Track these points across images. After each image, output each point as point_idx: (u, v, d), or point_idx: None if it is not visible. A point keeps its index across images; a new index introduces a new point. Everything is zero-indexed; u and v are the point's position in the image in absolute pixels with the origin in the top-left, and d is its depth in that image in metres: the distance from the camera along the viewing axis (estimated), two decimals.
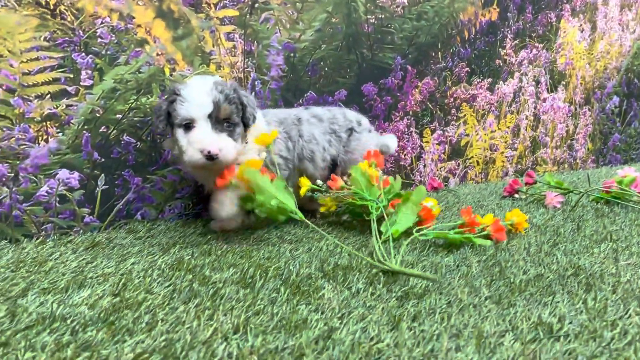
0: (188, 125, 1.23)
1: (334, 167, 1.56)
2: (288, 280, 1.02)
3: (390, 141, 1.66)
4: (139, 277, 1.04)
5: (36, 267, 1.10)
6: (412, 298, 0.95)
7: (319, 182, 1.40)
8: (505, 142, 2.33)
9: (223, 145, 1.22)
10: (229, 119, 1.25)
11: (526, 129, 2.40)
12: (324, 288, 0.99)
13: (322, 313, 0.89)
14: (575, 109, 2.58)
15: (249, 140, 1.32)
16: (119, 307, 0.89)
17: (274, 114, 1.46)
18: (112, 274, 1.06)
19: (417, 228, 1.31)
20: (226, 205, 1.27)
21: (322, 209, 1.43)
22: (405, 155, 2.02)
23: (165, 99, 1.27)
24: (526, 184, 1.93)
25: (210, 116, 1.22)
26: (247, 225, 1.43)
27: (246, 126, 1.30)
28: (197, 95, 1.22)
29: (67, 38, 1.32)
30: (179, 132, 1.24)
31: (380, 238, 1.23)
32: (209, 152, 1.20)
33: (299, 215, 1.21)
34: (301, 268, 1.10)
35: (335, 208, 1.43)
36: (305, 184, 1.37)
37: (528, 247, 1.27)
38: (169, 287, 0.99)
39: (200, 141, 1.20)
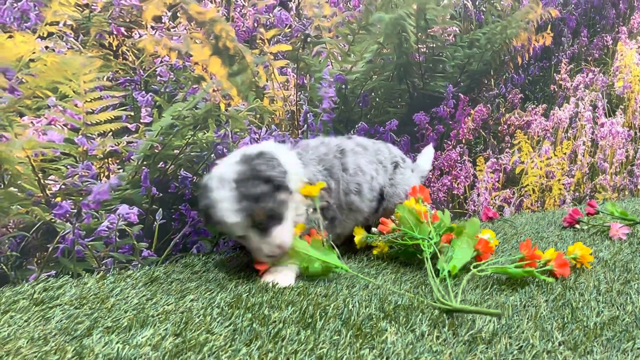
0: None
1: (381, 199, 1.51)
2: (349, 321, 1.00)
3: (426, 164, 1.73)
4: (199, 316, 1.03)
5: (98, 304, 1.11)
6: (480, 343, 0.91)
7: (374, 229, 1.41)
8: (562, 169, 2.25)
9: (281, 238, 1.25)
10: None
11: (584, 155, 2.31)
12: (387, 330, 0.96)
13: (387, 359, 0.86)
14: (635, 133, 2.48)
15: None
16: (182, 349, 0.89)
17: (314, 151, 1.39)
18: (173, 311, 1.06)
19: (475, 263, 1.26)
20: (287, 277, 1.27)
21: (374, 252, 1.42)
22: (458, 184, 1.98)
23: (202, 206, 1.25)
24: (587, 214, 1.85)
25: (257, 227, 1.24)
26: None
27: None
28: (227, 217, 1.21)
29: (128, 77, 1.36)
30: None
31: (438, 276, 1.19)
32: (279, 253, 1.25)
33: (345, 268, 1.25)
34: (361, 308, 1.07)
35: (387, 249, 1.41)
36: (358, 233, 1.41)
37: (598, 285, 1.21)
38: (230, 327, 0.98)
39: (258, 250, 1.25)
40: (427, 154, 1.77)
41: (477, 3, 1.94)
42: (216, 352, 0.88)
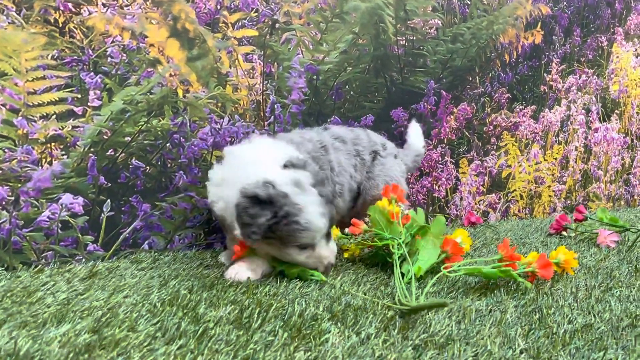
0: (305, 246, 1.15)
1: (357, 195, 1.43)
2: (289, 322, 0.89)
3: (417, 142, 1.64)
4: (126, 313, 0.93)
5: (23, 298, 1.01)
6: (431, 348, 0.81)
7: (346, 230, 1.29)
8: (553, 175, 2.14)
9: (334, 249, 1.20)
10: None
11: (576, 161, 2.20)
12: (329, 332, 0.86)
13: None
14: (632, 140, 2.36)
15: None
16: (94, 347, 0.79)
17: (304, 149, 1.27)
18: (99, 307, 0.96)
19: (445, 265, 1.16)
20: (251, 271, 1.18)
21: (345, 255, 1.30)
22: (439, 186, 1.87)
23: (271, 217, 1.09)
24: (575, 220, 1.73)
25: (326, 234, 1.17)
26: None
27: None
28: (316, 220, 1.12)
29: (75, 57, 1.27)
30: (293, 250, 1.15)
31: (403, 278, 1.09)
32: (332, 264, 1.19)
33: (319, 276, 1.16)
34: (307, 307, 0.96)
35: (359, 252, 1.30)
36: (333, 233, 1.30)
37: (575, 292, 1.10)
38: (156, 325, 0.88)
39: (326, 257, 1.17)
40: (415, 131, 1.67)
41: None
42: (130, 351, 0.78)
